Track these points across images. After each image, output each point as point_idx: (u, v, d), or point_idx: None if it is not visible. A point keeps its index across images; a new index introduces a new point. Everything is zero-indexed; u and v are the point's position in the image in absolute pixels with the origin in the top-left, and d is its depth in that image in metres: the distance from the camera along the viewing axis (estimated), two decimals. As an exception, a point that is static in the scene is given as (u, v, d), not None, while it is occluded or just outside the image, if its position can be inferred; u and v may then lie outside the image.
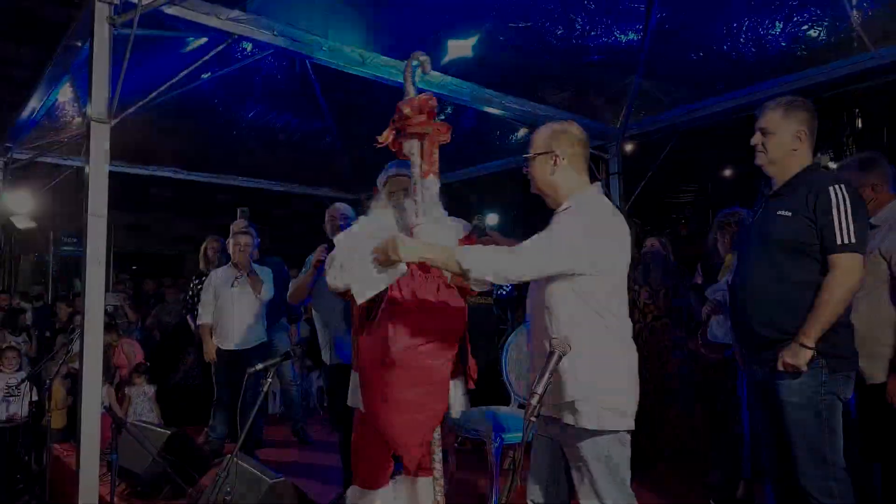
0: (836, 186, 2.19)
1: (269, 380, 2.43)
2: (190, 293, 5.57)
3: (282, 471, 3.34)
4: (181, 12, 3.07)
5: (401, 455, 2.54)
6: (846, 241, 2.15)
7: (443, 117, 6.06)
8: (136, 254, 13.87)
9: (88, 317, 2.94)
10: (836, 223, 2.15)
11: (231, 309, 4.83)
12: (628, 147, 5.77)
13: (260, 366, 2.41)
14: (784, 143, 2.32)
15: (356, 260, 2.24)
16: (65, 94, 4.67)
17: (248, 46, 4.46)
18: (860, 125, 11.20)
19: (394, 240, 2.04)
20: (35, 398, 5.24)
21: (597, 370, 1.94)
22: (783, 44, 4.20)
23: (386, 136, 2.50)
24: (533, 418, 1.48)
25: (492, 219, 5.86)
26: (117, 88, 2.90)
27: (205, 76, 4.42)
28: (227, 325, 4.83)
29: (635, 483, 3.84)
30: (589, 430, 1.94)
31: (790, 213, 2.24)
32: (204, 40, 4.02)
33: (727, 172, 16.35)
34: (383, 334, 2.45)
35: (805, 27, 4.04)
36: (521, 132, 6.01)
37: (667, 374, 4.52)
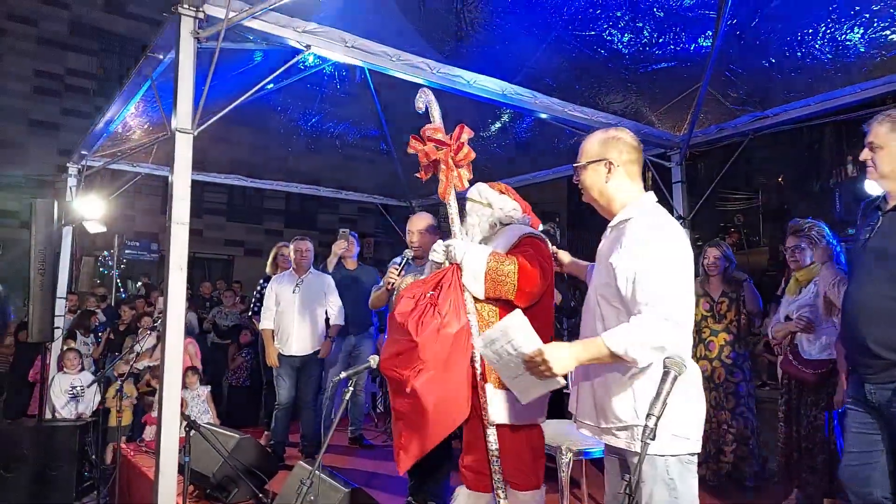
0: None
1: (352, 388, 2.45)
2: (255, 296, 5.73)
3: (346, 476, 3.37)
4: (261, 25, 3.14)
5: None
6: None
7: (499, 124, 6.05)
8: (189, 257, 14.26)
9: (169, 322, 3.01)
10: None
11: (292, 315, 4.91)
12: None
13: (344, 374, 2.44)
14: (893, 156, 2.26)
15: (507, 372, 2.09)
16: (136, 103, 4.82)
17: (311, 56, 4.53)
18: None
19: (545, 359, 1.83)
20: (101, 398, 5.43)
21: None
22: (861, 49, 4.06)
23: (422, 174, 2.76)
24: (649, 440, 1.45)
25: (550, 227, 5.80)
26: (201, 100, 2.98)
27: (269, 86, 4.52)
28: (287, 330, 4.91)
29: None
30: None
31: None
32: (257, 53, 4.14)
33: (780, 179, 15.92)
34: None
35: (887, 32, 3.89)
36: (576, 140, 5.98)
37: (726, 393, 4.29)
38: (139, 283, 10.67)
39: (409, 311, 2.50)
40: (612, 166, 2.03)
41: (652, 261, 1.82)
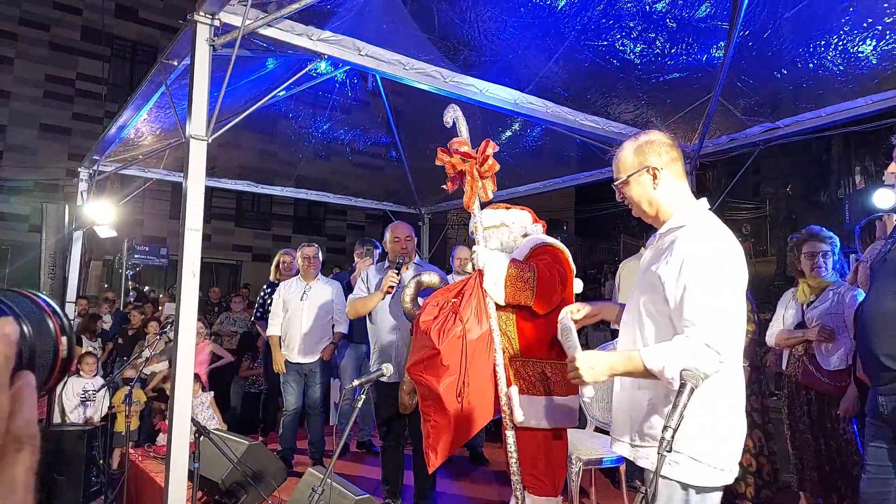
0: None
1: (363, 396, 2.45)
2: (259, 301, 5.74)
3: (354, 483, 3.36)
4: (277, 34, 3.17)
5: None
6: None
7: (510, 133, 6.07)
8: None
9: (181, 327, 3.01)
10: None
11: (299, 322, 4.91)
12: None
13: (356, 382, 2.45)
14: None
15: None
16: (148, 109, 4.85)
17: (323, 64, 4.56)
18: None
19: (576, 366, 1.76)
20: (110, 402, 5.44)
21: (696, 413, 1.65)
22: (873, 61, 4.06)
23: (450, 185, 2.84)
24: (665, 453, 1.44)
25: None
26: (216, 107, 3.00)
27: (281, 94, 4.55)
28: (294, 337, 4.91)
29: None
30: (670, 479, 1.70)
31: None
32: (278, 59, 4.18)
33: (788, 189, 15.92)
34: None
35: (899, 45, 3.89)
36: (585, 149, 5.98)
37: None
38: (130, 291, 10.47)
39: (433, 319, 2.57)
40: (656, 171, 1.88)
41: (705, 277, 1.68)
